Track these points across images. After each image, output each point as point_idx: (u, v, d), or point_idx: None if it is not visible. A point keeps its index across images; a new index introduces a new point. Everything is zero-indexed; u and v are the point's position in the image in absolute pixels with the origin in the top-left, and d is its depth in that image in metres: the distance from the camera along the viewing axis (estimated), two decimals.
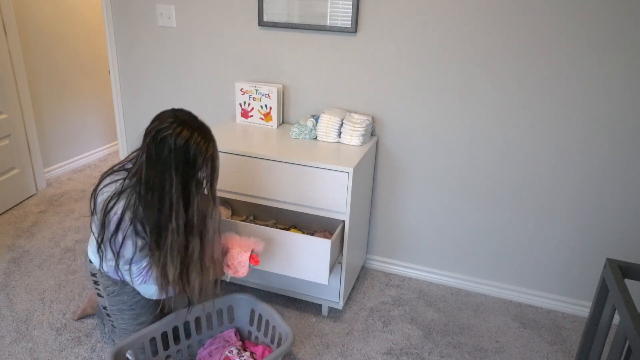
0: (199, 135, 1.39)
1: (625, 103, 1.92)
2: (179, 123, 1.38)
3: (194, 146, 1.37)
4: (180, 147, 1.36)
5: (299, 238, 1.90)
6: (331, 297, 2.11)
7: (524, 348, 2.03)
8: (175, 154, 1.36)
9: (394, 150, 2.30)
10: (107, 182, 1.50)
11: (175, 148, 1.35)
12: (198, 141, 1.38)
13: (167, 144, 1.36)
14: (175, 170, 1.37)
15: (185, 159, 1.37)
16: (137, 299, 1.73)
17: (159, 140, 1.36)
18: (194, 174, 1.41)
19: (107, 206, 1.44)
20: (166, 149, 1.36)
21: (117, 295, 1.71)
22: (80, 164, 3.70)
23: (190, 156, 1.37)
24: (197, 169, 1.40)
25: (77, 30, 3.45)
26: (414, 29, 2.08)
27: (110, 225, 1.46)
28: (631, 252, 2.11)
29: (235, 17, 2.35)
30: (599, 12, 1.84)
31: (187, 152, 1.37)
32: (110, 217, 1.45)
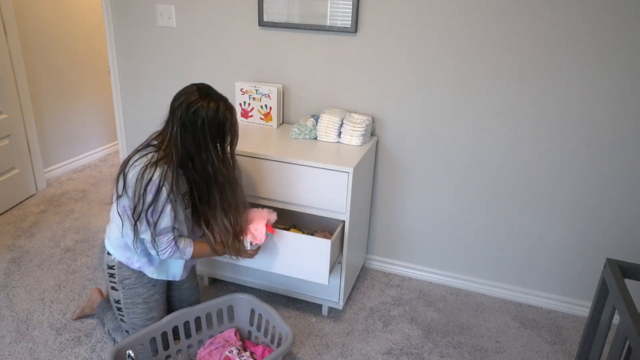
0: (224, 104, 1.58)
1: (627, 103, 1.92)
2: (206, 95, 1.56)
3: (222, 114, 1.56)
4: (212, 117, 1.54)
5: (299, 238, 1.90)
6: (331, 297, 2.11)
7: (524, 348, 2.03)
8: (208, 123, 1.54)
9: (394, 150, 2.30)
10: (136, 158, 1.57)
11: (207, 117, 1.54)
12: (224, 109, 1.57)
13: (200, 115, 1.53)
14: (211, 137, 1.56)
15: (217, 127, 1.57)
16: (151, 292, 1.75)
17: (193, 112, 1.53)
18: (224, 139, 1.62)
19: (144, 176, 1.51)
20: (199, 119, 1.53)
21: (132, 288, 1.72)
22: (80, 164, 3.70)
23: (220, 123, 1.57)
24: (226, 134, 1.61)
25: (77, 30, 3.45)
26: (414, 29, 2.08)
27: (147, 195, 1.52)
28: (631, 252, 2.11)
29: (235, 17, 2.35)
30: (600, 11, 1.84)
31: (218, 120, 1.56)
32: (149, 186, 1.51)
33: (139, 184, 1.51)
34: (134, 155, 1.59)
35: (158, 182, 1.51)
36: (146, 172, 1.51)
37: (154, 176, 1.51)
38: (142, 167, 1.52)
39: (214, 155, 1.59)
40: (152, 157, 1.55)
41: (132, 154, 1.61)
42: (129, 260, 1.69)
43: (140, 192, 1.51)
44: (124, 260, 1.69)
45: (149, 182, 1.51)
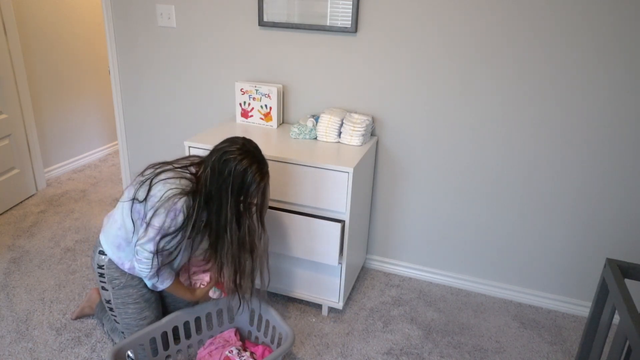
0: (257, 167, 1.56)
1: (627, 103, 1.92)
2: (245, 152, 1.56)
3: (250, 175, 1.55)
4: (239, 173, 1.53)
5: (310, 221, 1.93)
6: (331, 297, 2.11)
7: (524, 348, 2.03)
8: (233, 177, 1.53)
9: (394, 150, 2.30)
10: (170, 175, 1.58)
11: (234, 172, 1.53)
12: (255, 172, 1.55)
13: (229, 166, 1.53)
14: (232, 191, 1.54)
15: (241, 183, 1.55)
16: (142, 292, 1.74)
17: (223, 161, 1.54)
18: (246, 198, 1.59)
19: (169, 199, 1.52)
20: (227, 170, 1.53)
21: (122, 288, 1.71)
22: (80, 164, 3.70)
23: (245, 182, 1.55)
24: (250, 195, 1.58)
25: (77, 30, 3.45)
26: (414, 29, 2.08)
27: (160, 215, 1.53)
28: (631, 252, 2.11)
29: (235, 17, 2.35)
30: (600, 11, 1.84)
31: (244, 178, 1.55)
32: (168, 208, 1.52)
33: (161, 202, 1.52)
34: (168, 171, 1.60)
35: (180, 210, 1.53)
36: (175, 197, 1.53)
37: (178, 204, 1.53)
38: (173, 188, 1.54)
39: (229, 210, 1.57)
40: (185, 185, 1.57)
41: (166, 166, 1.62)
42: (120, 261, 1.69)
43: (159, 211, 1.53)
44: (115, 260, 1.69)
45: (171, 205, 1.52)
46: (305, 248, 1.99)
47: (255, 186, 1.57)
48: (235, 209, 1.58)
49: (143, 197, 1.57)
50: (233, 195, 1.55)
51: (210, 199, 1.58)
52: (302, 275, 2.13)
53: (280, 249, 2.04)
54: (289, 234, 1.99)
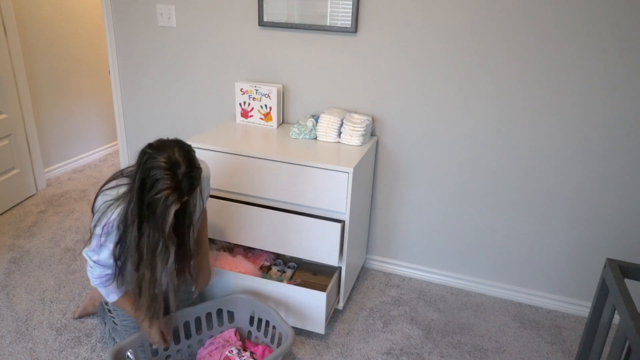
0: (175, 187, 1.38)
1: (626, 103, 1.92)
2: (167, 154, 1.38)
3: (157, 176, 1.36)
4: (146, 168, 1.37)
5: (310, 221, 1.93)
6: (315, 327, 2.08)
7: (524, 348, 2.03)
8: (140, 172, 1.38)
9: (394, 150, 2.30)
10: (112, 185, 1.52)
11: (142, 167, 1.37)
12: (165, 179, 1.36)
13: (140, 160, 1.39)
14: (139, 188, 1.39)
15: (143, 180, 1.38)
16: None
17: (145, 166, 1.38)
18: (146, 202, 1.39)
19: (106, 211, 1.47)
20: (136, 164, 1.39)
21: None
22: (80, 164, 3.70)
23: (148, 181, 1.37)
24: (150, 200, 1.39)
25: (77, 30, 3.45)
26: (414, 29, 2.08)
27: (98, 226, 1.48)
28: (631, 252, 2.11)
29: (235, 17, 2.35)
30: (600, 12, 1.84)
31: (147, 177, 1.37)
32: (102, 219, 1.48)
33: (98, 213, 1.48)
34: (112, 179, 1.54)
35: (112, 222, 1.47)
36: (108, 209, 1.46)
37: (110, 216, 1.46)
38: (108, 200, 1.48)
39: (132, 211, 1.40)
40: (121, 191, 1.48)
41: (117, 174, 1.56)
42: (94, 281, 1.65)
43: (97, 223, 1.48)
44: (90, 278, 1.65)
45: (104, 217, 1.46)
46: (305, 248, 1.99)
47: (156, 193, 1.37)
48: (137, 212, 1.40)
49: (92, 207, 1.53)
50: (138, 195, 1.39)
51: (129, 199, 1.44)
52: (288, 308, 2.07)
53: (281, 249, 2.04)
54: (289, 234, 1.99)
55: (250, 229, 2.05)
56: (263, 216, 2.01)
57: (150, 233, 1.43)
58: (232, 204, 2.04)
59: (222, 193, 2.09)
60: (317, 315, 1.93)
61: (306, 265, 2.26)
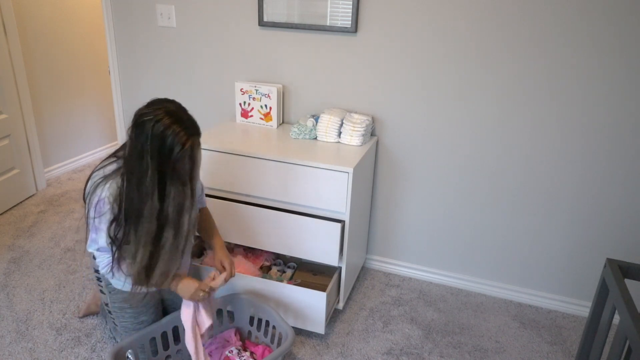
0: (179, 126, 1.36)
1: (626, 104, 1.92)
2: (163, 111, 1.36)
3: (171, 136, 1.34)
4: (157, 135, 1.33)
5: (310, 221, 1.93)
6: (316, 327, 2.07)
7: (524, 348, 2.03)
8: (151, 141, 1.34)
9: (394, 150, 2.30)
10: (97, 167, 1.50)
11: (152, 134, 1.33)
12: (177, 132, 1.35)
13: (145, 130, 1.34)
14: (151, 157, 1.35)
15: (160, 148, 1.35)
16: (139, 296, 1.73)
17: (138, 124, 1.35)
18: (170, 165, 1.37)
19: (96, 191, 1.44)
20: (143, 134, 1.34)
21: (118, 293, 1.70)
22: (80, 164, 3.70)
23: (166, 146, 1.34)
24: (174, 160, 1.37)
25: (77, 30, 3.45)
26: (414, 29, 2.08)
27: (91, 209, 1.45)
28: (631, 252, 2.11)
29: (235, 17, 2.35)
30: (599, 13, 1.84)
31: (164, 141, 1.34)
32: (92, 200, 1.44)
33: (88, 198, 1.45)
34: (97, 166, 1.51)
35: (100, 196, 1.42)
36: (99, 187, 1.42)
37: (98, 190, 1.42)
38: (96, 180, 1.45)
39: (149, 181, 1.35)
40: (110, 171, 1.45)
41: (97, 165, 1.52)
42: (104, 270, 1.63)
43: (88, 207, 1.45)
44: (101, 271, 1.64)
45: (93, 195, 1.43)
46: (305, 248, 1.99)
47: (179, 150, 1.35)
48: (158, 180, 1.37)
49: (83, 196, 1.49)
50: (154, 163, 1.34)
51: (130, 173, 1.38)
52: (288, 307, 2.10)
53: (281, 249, 2.04)
54: (289, 234, 1.99)
55: (250, 229, 2.05)
56: (263, 216, 2.01)
57: (177, 192, 1.40)
58: (232, 204, 2.04)
59: (222, 193, 2.09)
60: (317, 315, 1.93)
61: (306, 265, 2.26)
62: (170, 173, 1.39)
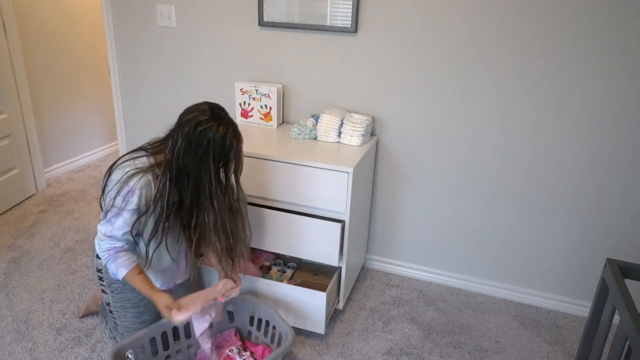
0: (232, 131, 1.55)
1: (626, 104, 1.92)
2: (217, 118, 1.54)
3: (228, 140, 1.54)
4: (218, 141, 1.52)
5: (310, 221, 1.93)
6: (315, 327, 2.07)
7: (524, 348, 2.03)
8: (213, 146, 1.52)
9: (394, 150, 2.30)
10: (125, 159, 1.57)
11: (214, 140, 1.51)
12: (232, 136, 1.55)
13: (207, 136, 1.51)
14: (213, 160, 1.53)
15: (221, 151, 1.54)
16: (141, 296, 1.73)
17: (200, 132, 1.50)
18: (226, 164, 1.59)
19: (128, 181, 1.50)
20: (205, 140, 1.51)
21: (120, 292, 1.71)
22: (80, 164, 3.70)
23: (225, 148, 1.54)
24: (230, 160, 1.59)
25: (77, 30, 3.45)
26: (414, 29, 2.08)
27: (118, 196, 1.51)
28: (631, 252, 2.11)
29: (235, 17, 2.35)
30: (600, 12, 1.84)
31: (224, 146, 1.54)
32: (123, 188, 1.50)
33: (119, 184, 1.50)
34: (125, 155, 1.58)
35: (132, 189, 1.50)
36: (130, 178, 1.50)
37: (131, 183, 1.50)
38: (128, 170, 1.51)
39: (213, 178, 1.56)
40: (143, 163, 1.54)
41: (122, 156, 1.60)
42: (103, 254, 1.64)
43: (116, 194, 1.51)
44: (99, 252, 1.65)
45: (124, 186, 1.50)
46: (305, 248, 1.99)
47: (234, 150, 1.57)
48: (217, 177, 1.57)
49: (102, 188, 1.57)
50: (215, 164, 1.54)
51: (186, 173, 1.55)
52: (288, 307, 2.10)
53: (281, 249, 2.04)
54: (289, 234, 1.99)
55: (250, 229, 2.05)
56: (263, 216, 2.01)
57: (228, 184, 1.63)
58: None
59: None
60: (317, 315, 1.93)
61: (306, 265, 2.26)
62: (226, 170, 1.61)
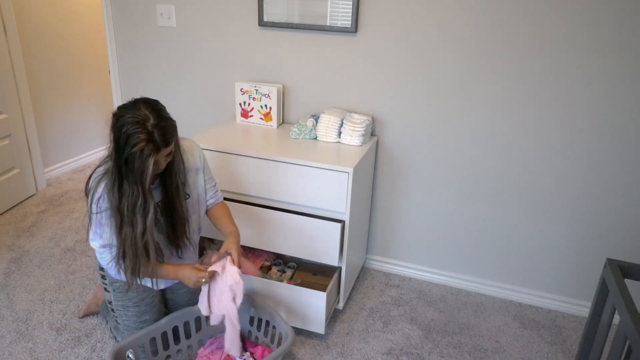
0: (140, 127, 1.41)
1: (628, 104, 1.92)
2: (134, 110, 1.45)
3: (128, 134, 1.41)
4: (117, 129, 1.43)
5: (310, 221, 1.93)
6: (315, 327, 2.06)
7: (524, 348, 2.03)
8: (113, 133, 1.44)
9: (394, 150, 2.30)
10: (99, 164, 1.54)
11: (114, 128, 1.44)
12: (135, 132, 1.40)
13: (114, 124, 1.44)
14: (113, 149, 1.44)
15: (117, 140, 1.43)
16: (142, 296, 1.73)
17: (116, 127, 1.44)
18: (123, 160, 1.42)
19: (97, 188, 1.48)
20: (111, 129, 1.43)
21: (122, 291, 1.71)
22: (80, 164, 3.70)
23: (120, 140, 1.42)
24: (127, 157, 1.42)
25: (77, 30, 3.45)
26: (414, 29, 2.08)
27: (93, 204, 1.48)
28: (631, 252, 2.11)
29: (235, 17, 2.35)
30: (602, 11, 1.84)
31: (120, 136, 1.42)
32: (94, 196, 1.48)
33: (90, 193, 1.49)
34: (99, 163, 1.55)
35: (100, 194, 1.47)
36: (99, 183, 1.47)
37: (98, 189, 1.47)
38: (95, 177, 1.49)
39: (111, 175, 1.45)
40: (106, 168, 1.49)
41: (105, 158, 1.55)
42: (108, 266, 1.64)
43: (90, 203, 1.49)
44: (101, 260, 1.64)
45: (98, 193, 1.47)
46: (305, 248, 1.99)
47: (130, 149, 1.41)
48: (117, 172, 1.44)
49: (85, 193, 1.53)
50: (114, 155, 1.44)
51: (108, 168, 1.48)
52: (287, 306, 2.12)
53: (281, 249, 2.04)
54: (289, 234, 1.99)
55: (251, 229, 2.05)
56: (263, 216, 2.01)
57: (130, 190, 1.44)
58: (232, 204, 2.04)
59: (222, 193, 2.09)
60: (317, 315, 1.93)
61: (306, 265, 2.26)
62: (125, 169, 1.43)
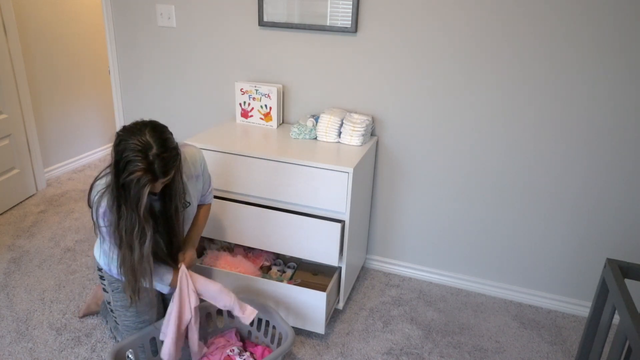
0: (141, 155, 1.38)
1: (628, 104, 1.92)
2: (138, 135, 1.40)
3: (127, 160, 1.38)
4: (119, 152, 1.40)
5: (310, 221, 1.93)
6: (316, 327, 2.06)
7: (524, 348, 2.03)
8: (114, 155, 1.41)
9: (394, 150, 2.30)
10: (101, 175, 1.53)
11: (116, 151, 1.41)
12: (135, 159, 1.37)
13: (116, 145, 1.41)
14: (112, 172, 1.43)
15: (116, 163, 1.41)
16: (141, 295, 1.73)
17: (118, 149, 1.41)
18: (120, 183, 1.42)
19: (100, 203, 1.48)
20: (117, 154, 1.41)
21: (121, 292, 1.71)
22: (80, 164, 3.70)
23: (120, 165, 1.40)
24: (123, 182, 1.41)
25: (77, 30, 3.45)
26: (414, 29, 2.08)
27: (99, 218, 1.49)
28: (631, 252, 2.11)
29: (235, 17, 2.35)
30: (602, 12, 1.84)
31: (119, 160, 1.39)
32: (99, 210, 1.48)
33: (95, 206, 1.48)
34: (98, 174, 1.54)
35: (104, 209, 1.47)
36: (103, 196, 1.46)
37: (102, 204, 1.46)
38: (98, 190, 1.49)
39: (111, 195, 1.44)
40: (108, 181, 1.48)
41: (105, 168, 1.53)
42: (108, 267, 1.66)
43: (96, 216, 1.49)
44: (104, 267, 1.67)
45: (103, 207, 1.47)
46: (305, 248, 1.99)
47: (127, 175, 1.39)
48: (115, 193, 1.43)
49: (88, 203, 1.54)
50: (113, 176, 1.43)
51: None
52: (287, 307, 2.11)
53: (281, 249, 2.04)
54: (289, 234, 1.99)
55: (251, 229, 2.05)
56: (263, 216, 2.01)
57: (127, 215, 1.44)
58: (232, 204, 2.04)
59: (222, 193, 2.09)
60: (317, 315, 1.93)
61: (306, 265, 2.26)
62: (123, 192, 1.42)
